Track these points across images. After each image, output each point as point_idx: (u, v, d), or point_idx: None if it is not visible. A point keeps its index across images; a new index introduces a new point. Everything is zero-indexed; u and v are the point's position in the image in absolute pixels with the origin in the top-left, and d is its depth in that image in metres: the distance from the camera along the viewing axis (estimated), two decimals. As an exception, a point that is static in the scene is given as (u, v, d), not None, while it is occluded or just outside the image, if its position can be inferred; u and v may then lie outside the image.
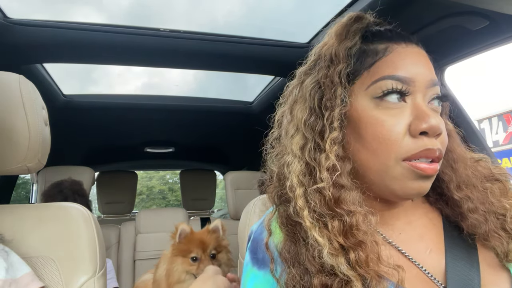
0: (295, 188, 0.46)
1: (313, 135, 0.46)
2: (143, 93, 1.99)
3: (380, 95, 0.45)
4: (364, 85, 0.47)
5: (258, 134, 0.64)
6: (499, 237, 0.46)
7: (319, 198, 0.44)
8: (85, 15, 1.36)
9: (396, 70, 0.45)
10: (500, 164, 1.04)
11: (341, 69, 0.46)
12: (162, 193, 10.93)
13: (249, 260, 0.53)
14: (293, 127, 0.49)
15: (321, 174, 0.44)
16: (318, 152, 0.46)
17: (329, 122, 0.46)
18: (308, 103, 0.48)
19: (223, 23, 1.43)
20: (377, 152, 0.45)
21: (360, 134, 0.46)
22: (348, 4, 1.11)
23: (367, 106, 0.46)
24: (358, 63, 0.48)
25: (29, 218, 0.79)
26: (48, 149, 0.83)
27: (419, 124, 0.44)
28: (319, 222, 0.43)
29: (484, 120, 9.02)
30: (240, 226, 0.92)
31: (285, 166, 0.48)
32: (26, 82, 0.78)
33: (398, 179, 0.45)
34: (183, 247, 1.40)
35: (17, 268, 0.69)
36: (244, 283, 0.52)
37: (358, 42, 0.48)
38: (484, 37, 0.96)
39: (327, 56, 0.48)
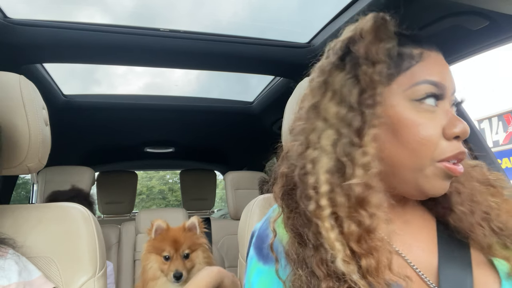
0: (320, 185, 0.45)
1: (349, 131, 0.46)
2: (144, 93, 1.99)
3: (420, 98, 0.47)
4: (402, 86, 0.48)
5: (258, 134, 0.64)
6: (483, 230, 0.48)
7: (345, 198, 0.44)
8: (87, 16, 1.36)
9: (434, 75, 0.48)
10: (500, 164, 1.04)
11: (381, 68, 0.46)
12: (162, 193, 10.93)
13: (253, 255, 0.53)
14: (321, 122, 0.47)
15: (354, 171, 0.44)
16: (354, 148, 0.45)
17: (369, 119, 0.46)
18: (343, 99, 0.47)
19: (223, 24, 1.43)
20: (415, 152, 0.47)
21: (397, 134, 0.47)
22: (348, 4, 1.11)
23: (405, 107, 0.47)
24: (395, 65, 0.49)
25: (29, 218, 0.79)
26: (48, 149, 0.83)
27: (453, 128, 0.47)
28: (337, 225, 0.43)
29: (484, 120, 9.02)
30: (240, 226, 0.92)
31: (308, 162, 0.47)
32: (27, 82, 0.78)
33: (430, 178, 0.47)
34: (157, 244, 1.38)
35: (30, 271, 0.70)
36: (249, 278, 0.53)
37: (395, 44, 0.49)
38: (484, 37, 0.96)
39: (364, 54, 0.47)
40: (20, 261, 0.69)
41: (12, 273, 0.66)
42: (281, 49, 1.36)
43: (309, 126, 0.49)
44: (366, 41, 0.47)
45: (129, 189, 2.88)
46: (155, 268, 1.35)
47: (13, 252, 0.71)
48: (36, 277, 0.70)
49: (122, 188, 2.83)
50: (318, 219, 0.44)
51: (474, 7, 0.84)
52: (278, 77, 1.71)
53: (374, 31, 0.48)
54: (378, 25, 0.48)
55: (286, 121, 0.90)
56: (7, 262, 0.67)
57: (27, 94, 0.77)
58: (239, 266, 0.91)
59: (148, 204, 10.64)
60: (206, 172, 3.03)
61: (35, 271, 0.71)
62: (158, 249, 1.38)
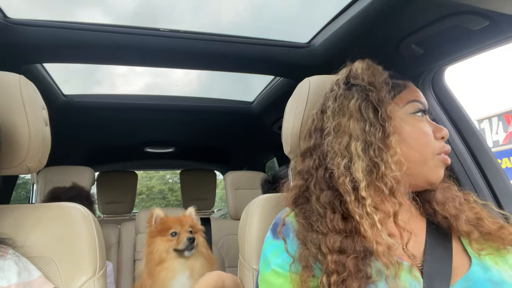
0: (359, 181, 0.59)
1: (376, 140, 0.61)
2: (144, 93, 1.99)
3: (414, 112, 0.68)
4: (400, 104, 0.68)
5: (258, 134, 0.66)
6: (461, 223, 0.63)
7: (380, 190, 0.59)
8: (88, 16, 1.36)
9: (418, 97, 0.69)
10: (500, 164, 1.04)
11: (385, 92, 0.65)
12: (162, 193, 10.94)
13: (270, 235, 0.70)
14: (345, 136, 0.63)
15: (386, 169, 0.59)
16: (383, 151, 0.61)
17: (388, 130, 0.62)
18: (362, 117, 0.63)
19: (223, 24, 1.43)
20: (420, 150, 0.65)
21: (405, 137, 0.65)
22: (348, 4, 1.11)
23: (405, 118, 0.67)
24: (391, 89, 0.68)
25: (29, 218, 0.79)
26: (48, 149, 0.83)
27: (439, 132, 0.68)
28: (375, 212, 0.57)
29: (484, 120, 9.01)
30: (240, 226, 0.92)
31: (341, 166, 0.61)
32: (26, 82, 0.78)
33: (432, 168, 0.66)
34: (161, 227, 1.41)
35: (30, 271, 0.70)
36: (264, 250, 0.68)
37: (387, 75, 0.70)
38: (484, 37, 0.96)
39: (368, 84, 0.65)
40: (20, 261, 0.69)
41: (12, 274, 0.65)
42: (281, 49, 1.36)
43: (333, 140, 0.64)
44: (367, 75, 0.67)
45: (129, 189, 2.88)
46: (162, 250, 1.37)
47: (13, 252, 0.70)
48: (36, 277, 0.70)
49: (122, 188, 2.83)
50: (358, 208, 0.58)
51: (474, 7, 0.85)
52: (278, 77, 1.71)
53: (369, 69, 0.69)
54: (370, 65, 0.69)
55: (286, 121, 0.90)
56: (6, 262, 0.67)
57: (27, 94, 0.76)
58: (239, 266, 0.91)
59: (148, 204, 10.64)
60: (206, 172, 3.03)
61: (35, 271, 0.71)
62: (163, 230, 1.41)
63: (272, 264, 0.64)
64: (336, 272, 0.55)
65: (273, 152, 2.79)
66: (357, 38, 1.14)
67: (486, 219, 0.65)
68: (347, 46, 1.20)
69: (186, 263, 1.37)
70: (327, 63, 1.32)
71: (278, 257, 0.64)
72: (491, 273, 0.59)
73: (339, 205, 0.61)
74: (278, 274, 0.63)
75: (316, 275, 0.58)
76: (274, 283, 0.63)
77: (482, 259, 0.61)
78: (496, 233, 0.63)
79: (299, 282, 0.58)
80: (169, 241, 1.39)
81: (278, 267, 0.63)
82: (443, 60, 1.12)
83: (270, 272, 0.64)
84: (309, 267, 0.58)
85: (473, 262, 0.61)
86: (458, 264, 0.61)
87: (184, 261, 1.38)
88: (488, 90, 8.24)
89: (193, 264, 1.38)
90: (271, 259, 0.65)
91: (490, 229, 0.63)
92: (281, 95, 1.75)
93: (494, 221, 0.65)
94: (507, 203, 1.07)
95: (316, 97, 0.85)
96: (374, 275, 0.55)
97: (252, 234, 0.86)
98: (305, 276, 0.58)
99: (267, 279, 0.64)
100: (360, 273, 0.54)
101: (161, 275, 1.31)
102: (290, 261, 0.61)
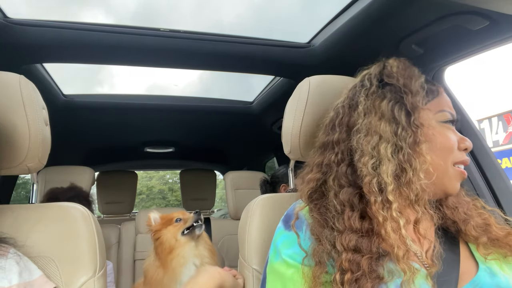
0: (387, 184, 0.58)
1: (405, 145, 0.60)
2: (144, 93, 1.99)
3: (444, 120, 0.66)
4: (431, 111, 0.66)
5: (258, 134, 0.66)
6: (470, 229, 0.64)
7: (405, 196, 0.59)
8: (89, 16, 1.36)
9: (449, 107, 0.68)
10: (500, 164, 1.04)
11: (420, 97, 0.64)
12: (162, 193, 10.93)
13: (281, 226, 0.70)
14: (375, 136, 0.62)
15: (413, 176, 0.59)
16: (412, 157, 0.60)
17: (419, 136, 0.61)
18: (394, 119, 0.62)
19: (224, 24, 1.43)
20: (443, 158, 0.64)
21: (434, 145, 0.63)
22: (348, 4, 1.11)
23: (436, 126, 0.65)
24: (426, 95, 0.66)
25: (29, 218, 0.79)
26: (48, 149, 0.83)
27: (463, 143, 0.66)
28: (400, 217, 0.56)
29: (484, 120, 9.01)
30: (240, 226, 0.92)
31: (369, 166, 0.60)
32: (27, 82, 0.78)
33: (452, 179, 0.65)
34: (163, 222, 1.43)
35: (32, 270, 0.70)
36: (275, 241, 0.68)
37: (424, 79, 0.68)
38: (484, 37, 0.96)
39: (404, 86, 0.64)
40: (21, 260, 0.69)
41: (13, 274, 0.65)
42: (281, 49, 1.36)
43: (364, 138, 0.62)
44: (403, 76, 0.65)
45: (129, 189, 2.88)
46: (170, 237, 1.38)
47: (14, 251, 0.70)
48: (37, 277, 0.70)
49: (122, 188, 2.82)
50: (383, 210, 0.57)
51: (474, 7, 0.85)
52: (278, 77, 1.71)
53: (406, 70, 0.66)
54: (407, 66, 0.67)
55: (286, 121, 0.90)
56: (8, 262, 0.67)
57: (27, 94, 0.76)
58: (239, 266, 0.91)
59: (148, 204, 10.64)
60: (206, 172, 3.03)
61: (36, 271, 0.71)
62: (167, 221, 1.43)
63: (283, 254, 0.64)
64: (350, 271, 0.55)
65: (273, 152, 2.79)
66: (357, 38, 1.14)
67: (494, 225, 0.65)
68: (347, 46, 1.20)
69: (195, 250, 1.39)
70: (327, 63, 1.32)
71: (289, 248, 0.64)
72: (498, 279, 0.59)
73: (358, 203, 0.61)
74: (288, 265, 0.63)
75: (329, 271, 0.58)
76: (283, 273, 0.63)
77: (489, 264, 0.61)
78: (504, 240, 0.63)
79: (311, 277, 0.58)
80: (176, 227, 1.40)
81: (289, 258, 0.63)
82: (443, 60, 1.12)
83: (280, 262, 0.64)
84: (322, 263, 0.58)
85: (480, 267, 0.61)
86: (465, 269, 0.61)
87: (194, 247, 1.39)
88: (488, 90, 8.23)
89: (202, 253, 1.40)
90: (282, 249, 0.65)
91: (498, 235, 0.64)
92: (281, 95, 1.75)
93: (502, 228, 0.65)
94: (507, 203, 1.07)
95: (316, 97, 0.85)
96: (386, 275, 0.55)
97: (252, 234, 0.86)
98: (318, 272, 0.58)
99: (277, 268, 0.64)
100: (374, 274, 0.54)
101: (173, 263, 1.32)
102: (301, 253, 0.62)
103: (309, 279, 0.59)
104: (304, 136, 0.85)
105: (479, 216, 0.67)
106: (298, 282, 0.60)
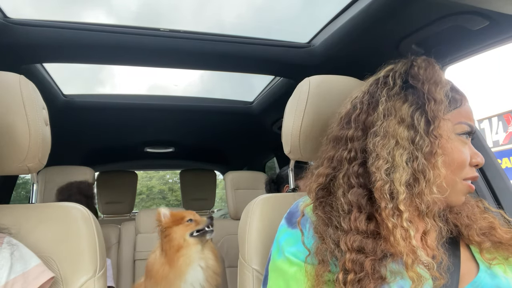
0: (399, 193, 0.57)
1: (421, 154, 0.58)
2: (144, 93, 1.99)
3: (461, 133, 0.63)
4: (451, 122, 0.62)
5: (258, 134, 0.66)
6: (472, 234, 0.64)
7: (415, 206, 0.58)
8: (89, 16, 1.36)
9: (470, 119, 0.65)
10: (500, 164, 1.04)
11: (443, 107, 0.60)
12: (162, 193, 10.92)
13: (284, 223, 0.69)
14: (392, 140, 0.60)
15: (426, 188, 0.57)
16: (427, 168, 0.58)
17: (437, 148, 0.59)
18: (412, 126, 0.60)
19: (224, 24, 1.43)
20: (454, 172, 0.62)
21: (448, 158, 0.61)
22: (348, 4, 1.11)
23: (452, 137, 0.62)
24: (448, 104, 0.63)
25: (29, 218, 0.79)
26: (48, 149, 0.83)
27: (477, 158, 0.64)
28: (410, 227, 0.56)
29: (484, 120, 9.00)
30: (240, 226, 0.92)
31: (382, 171, 0.58)
32: (27, 82, 0.78)
33: (458, 193, 0.63)
34: (173, 219, 1.43)
35: (27, 260, 0.68)
36: (277, 238, 0.68)
37: (449, 87, 0.64)
38: (484, 37, 0.96)
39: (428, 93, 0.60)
40: (17, 249, 0.67)
41: (3, 272, 0.63)
42: (281, 49, 1.36)
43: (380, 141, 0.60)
44: (429, 82, 0.61)
45: (129, 189, 2.88)
46: (179, 236, 1.39)
47: (9, 240, 0.68)
48: (33, 266, 0.68)
49: (122, 188, 2.83)
50: (393, 217, 0.56)
51: (474, 7, 0.84)
52: (278, 77, 1.71)
53: (433, 75, 0.62)
54: (435, 70, 0.63)
55: (286, 121, 0.90)
56: (1, 255, 0.65)
57: (27, 94, 0.76)
58: (239, 266, 0.91)
59: (148, 204, 10.63)
60: (206, 172, 3.03)
61: (33, 259, 0.68)
62: (177, 220, 1.43)
63: (286, 252, 0.63)
64: (353, 271, 0.55)
65: (273, 152, 2.79)
66: (357, 38, 1.14)
67: (499, 228, 0.65)
68: (347, 46, 1.20)
69: (201, 253, 1.40)
70: (327, 63, 1.32)
71: (292, 245, 0.64)
72: (498, 280, 0.59)
73: (366, 205, 0.60)
74: (291, 263, 0.62)
75: (332, 270, 0.58)
76: (286, 271, 0.62)
77: (491, 266, 0.61)
78: (508, 242, 0.63)
79: (314, 276, 0.58)
80: (187, 226, 1.41)
81: (292, 256, 0.62)
82: (443, 60, 1.11)
83: (283, 260, 0.64)
84: (325, 262, 0.58)
85: (481, 268, 0.61)
86: (465, 271, 0.61)
87: (200, 250, 1.40)
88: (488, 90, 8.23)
89: (207, 256, 1.41)
90: (285, 247, 0.64)
91: (502, 238, 0.63)
92: (281, 95, 1.75)
93: (508, 231, 0.65)
94: (507, 203, 1.07)
95: (316, 97, 0.85)
96: (389, 276, 0.55)
97: (252, 234, 0.86)
98: (321, 271, 0.58)
99: (280, 266, 0.64)
100: (377, 274, 0.54)
101: (179, 262, 1.34)
102: (305, 251, 0.61)
103: (312, 277, 0.59)
104: (304, 136, 0.85)
105: (483, 220, 0.66)
106: (301, 280, 0.60)
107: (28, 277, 0.66)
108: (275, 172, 2.44)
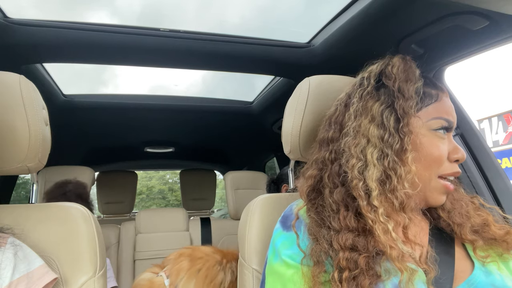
0: (372, 190, 0.58)
1: (391, 151, 0.59)
2: (144, 93, 1.99)
3: (436, 128, 0.63)
4: (424, 118, 0.63)
5: (258, 134, 0.66)
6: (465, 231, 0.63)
7: (390, 202, 0.58)
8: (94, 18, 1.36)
9: (447, 114, 0.64)
10: (500, 164, 1.04)
11: (412, 103, 0.61)
12: (162, 193, 10.93)
13: (279, 227, 0.70)
14: (364, 139, 0.61)
15: (398, 184, 0.58)
16: (398, 165, 0.59)
17: (407, 144, 0.60)
18: (382, 124, 0.61)
19: (224, 24, 1.43)
20: (427, 167, 0.62)
21: (420, 154, 0.62)
22: (348, 4, 1.11)
23: (426, 134, 0.63)
24: (420, 100, 0.64)
25: (29, 218, 0.79)
26: (48, 149, 0.83)
27: (456, 154, 0.64)
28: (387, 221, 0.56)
29: (484, 120, 9.01)
30: (240, 226, 0.92)
31: (355, 170, 0.60)
32: (27, 82, 0.78)
33: (433, 191, 0.64)
34: None
35: (31, 260, 0.68)
36: (273, 242, 0.68)
37: (421, 84, 0.64)
38: (484, 37, 0.96)
39: (398, 90, 0.61)
40: (21, 250, 0.67)
41: (7, 272, 0.63)
42: (281, 49, 1.36)
43: (351, 141, 0.62)
44: (400, 79, 0.62)
45: (129, 189, 2.88)
46: None
47: (12, 240, 0.68)
48: (37, 266, 0.68)
49: (122, 188, 2.83)
50: (370, 213, 0.57)
51: (474, 7, 0.84)
52: (278, 77, 1.71)
53: (405, 72, 0.63)
54: (407, 68, 0.63)
55: (286, 121, 0.90)
56: (5, 255, 0.65)
57: (27, 94, 0.76)
58: (239, 266, 0.91)
59: (148, 204, 10.64)
60: (206, 172, 3.03)
61: (37, 260, 0.69)
62: None
63: (283, 255, 0.64)
64: (347, 269, 0.55)
65: (273, 152, 2.79)
66: (357, 38, 1.14)
67: (493, 224, 0.65)
68: (347, 46, 1.20)
69: None
70: (327, 63, 1.32)
71: (288, 248, 0.64)
72: (493, 277, 0.59)
73: (352, 202, 0.61)
74: (288, 265, 0.62)
75: (328, 270, 0.59)
76: (283, 274, 0.62)
77: (486, 264, 0.61)
78: (501, 238, 0.63)
79: (310, 277, 0.59)
80: None
81: (289, 258, 0.63)
82: (443, 60, 1.11)
83: (279, 263, 0.64)
84: (320, 263, 0.59)
85: (476, 266, 0.61)
86: (460, 269, 0.61)
87: None
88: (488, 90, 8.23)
89: None
90: (282, 250, 0.65)
91: (496, 235, 0.63)
92: (281, 95, 1.75)
93: (501, 227, 0.65)
94: (507, 203, 1.07)
95: (316, 97, 0.85)
96: (383, 274, 0.56)
97: (252, 234, 0.86)
98: (316, 272, 0.58)
99: (277, 269, 0.64)
100: (371, 271, 0.55)
101: None
102: (300, 254, 0.62)
103: (309, 279, 0.59)
104: (304, 136, 0.85)
105: (477, 217, 0.65)
106: (298, 282, 0.60)
107: (32, 277, 0.66)
108: (275, 172, 2.44)
